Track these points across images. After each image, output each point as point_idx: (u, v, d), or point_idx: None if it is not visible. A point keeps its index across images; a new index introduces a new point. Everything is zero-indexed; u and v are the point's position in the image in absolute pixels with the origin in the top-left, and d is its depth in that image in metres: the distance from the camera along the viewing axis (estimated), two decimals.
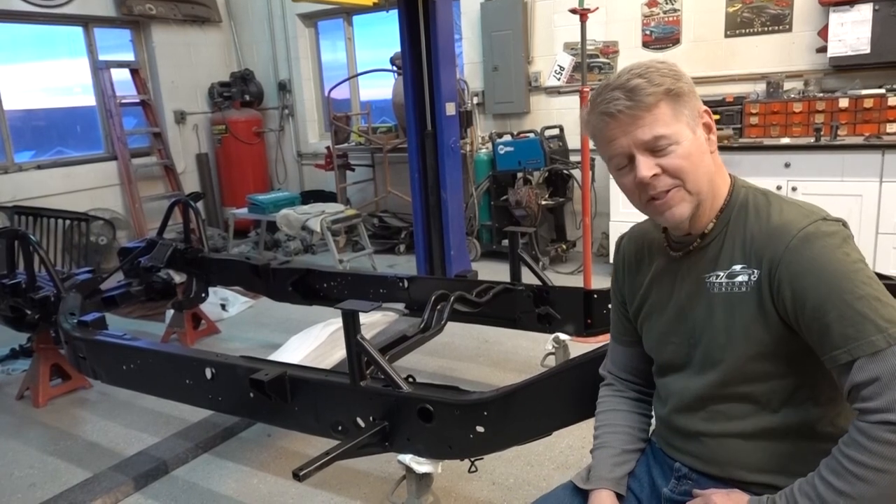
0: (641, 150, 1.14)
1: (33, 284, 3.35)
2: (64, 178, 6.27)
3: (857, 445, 1.00)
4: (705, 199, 1.18)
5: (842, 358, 1.03)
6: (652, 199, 1.17)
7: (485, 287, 2.98)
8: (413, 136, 4.60)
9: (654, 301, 1.31)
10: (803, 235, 1.08)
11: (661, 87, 1.13)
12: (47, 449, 3.09)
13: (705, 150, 1.18)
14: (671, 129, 1.13)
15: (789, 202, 1.17)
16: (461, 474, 2.55)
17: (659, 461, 1.35)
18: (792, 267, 1.07)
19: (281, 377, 2.10)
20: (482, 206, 5.88)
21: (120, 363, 2.65)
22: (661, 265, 1.31)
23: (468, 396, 1.88)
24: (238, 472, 2.80)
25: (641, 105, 1.12)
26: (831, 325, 1.03)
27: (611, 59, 5.52)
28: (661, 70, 1.15)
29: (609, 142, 1.18)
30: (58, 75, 6.67)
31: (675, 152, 1.14)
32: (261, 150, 7.60)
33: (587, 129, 1.24)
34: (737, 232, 1.17)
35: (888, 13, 4.14)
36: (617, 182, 1.24)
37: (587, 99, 1.23)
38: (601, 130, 1.18)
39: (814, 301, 1.04)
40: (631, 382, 1.45)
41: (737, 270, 1.15)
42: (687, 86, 1.16)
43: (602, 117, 1.16)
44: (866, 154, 4.07)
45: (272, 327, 4.49)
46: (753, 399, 1.16)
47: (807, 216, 1.11)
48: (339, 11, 6.93)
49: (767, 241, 1.12)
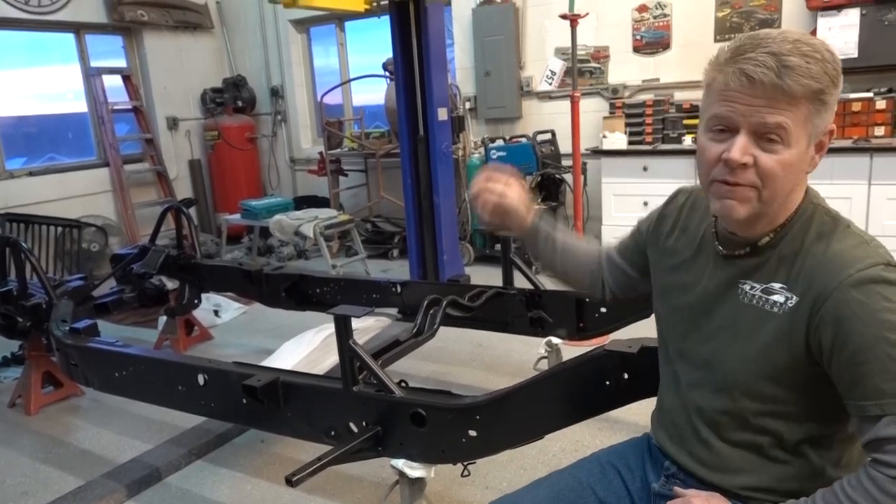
0: (751, 130, 1.02)
1: (25, 292, 3.34)
2: (56, 184, 6.25)
3: (864, 492, 0.99)
4: (769, 213, 1.09)
5: (871, 410, 0.99)
6: (721, 181, 1.06)
7: (477, 291, 2.99)
8: (405, 141, 4.61)
9: (681, 276, 1.26)
10: (861, 277, 1.00)
11: (816, 83, 0.99)
12: (39, 457, 3.07)
13: (804, 167, 1.07)
14: (795, 129, 1.01)
15: (855, 233, 1.07)
16: (454, 479, 2.55)
17: (654, 457, 1.37)
18: (840, 307, 1.00)
19: (273, 383, 2.10)
20: (475, 211, 5.88)
21: (112, 370, 2.65)
22: (699, 246, 1.24)
23: (460, 401, 1.89)
24: (231, 478, 2.80)
25: (788, 90, 0.98)
26: (867, 376, 0.99)
27: (601, 64, 5.55)
28: (825, 60, 1.00)
29: (727, 101, 1.03)
30: (49, 82, 6.66)
31: (778, 154, 1.02)
32: (253, 156, 7.60)
33: (712, 73, 1.07)
34: (789, 248, 1.09)
35: (875, 17, 4.18)
36: (700, 140, 1.11)
37: (728, 48, 1.06)
38: (728, 87, 1.02)
39: (856, 346, 0.99)
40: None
41: (775, 288, 1.09)
42: (834, 98, 1.04)
43: (738, 76, 1.00)
44: (855, 157, 4.12)
45: (265, 333, 4.48)
46: (751, 413, 1.14)
47: (868, 256, 1.02)
48: (332, 17, 6.94)
49: (819, 271, 1.04)
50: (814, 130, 1.04)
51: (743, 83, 1.00)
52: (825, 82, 1.00)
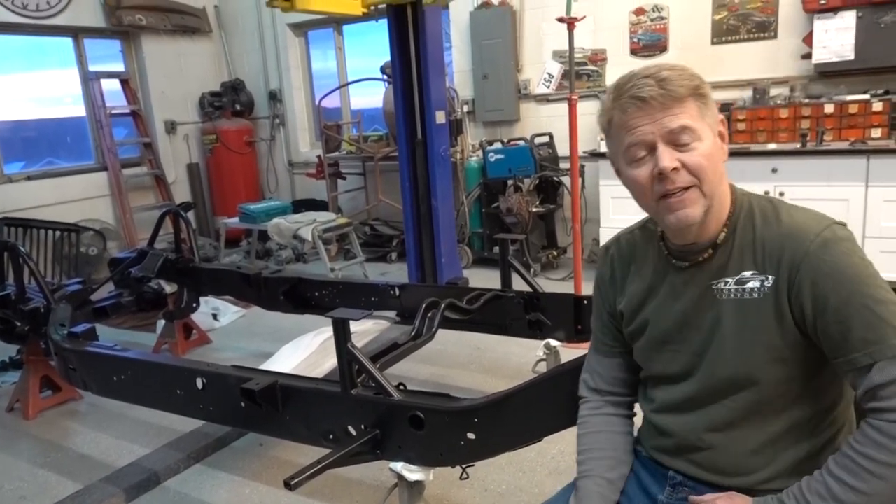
0: (665, 140, 1.12)
1: (23, 296, 3.34)
2: (54, 188, 6.25)
3: (874, 444, 1.02)
4: (715, 206, 1.16)
5: (861, 361, 1.04)
6: (666, 196, 1.14)
7: (475, 294, 2.99)
8: (404, 144, 4.62)
9: (650, 312, 1.28)
10: (822, 240, 1.08)
11: (691, 82, 1.13)
12: (37, 461, 3.07)
13: (721, 156, 1.17)
14: (697, 125, 1.12)
15: (796, 207, 1.17)
16: (453, 481, 2.55)
17: (649, 469, 1.33)
18: (813, 271, 1.07)
19: (272, 386, 2.10)
20: (473, 214, 5.90)
21: (110, 374, 2.65)
22: (660, 274, 1.28)
23: (459, 403, 1.89)
24: (230, 482, 2.79)
25: (673, 94, 1.11)
26: (852, 329, 1.04)
27: (599, 67, 5.56)
28: (688, 70, 1.16)
29: (631, 129, 1.14)
30: (48, 86, 6.66)
31: (697, 150, 1.12)
32: (252, 160, 7.60)
33: (606, 116, 1.19)
34: (745, 239, 1.17)
35: (871, 20, 4.19)
36: (626, 176, 1.20)
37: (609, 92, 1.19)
38: (626, 117, 1.14)
39: (835, 305, 1.05)
40: (615, 395, 1.41)
41: (747, 277, 1.15)
42: (710, 93, 1.17)
43: (632, 101, 1.13)
44: (852, 159, 4.12)
45: (264, 337, 4.48)
46: (758, 406, 1.16)
47: (819, 221, 1.12)
48: (330, 21, 6.95)
49: (782, 246, 1.12)
50: (710, 122, 1.15)
51: (638, 105, 1.13)
52: (697, 80, 1.14)
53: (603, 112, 1.21)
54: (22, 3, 5.94)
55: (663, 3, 5.21)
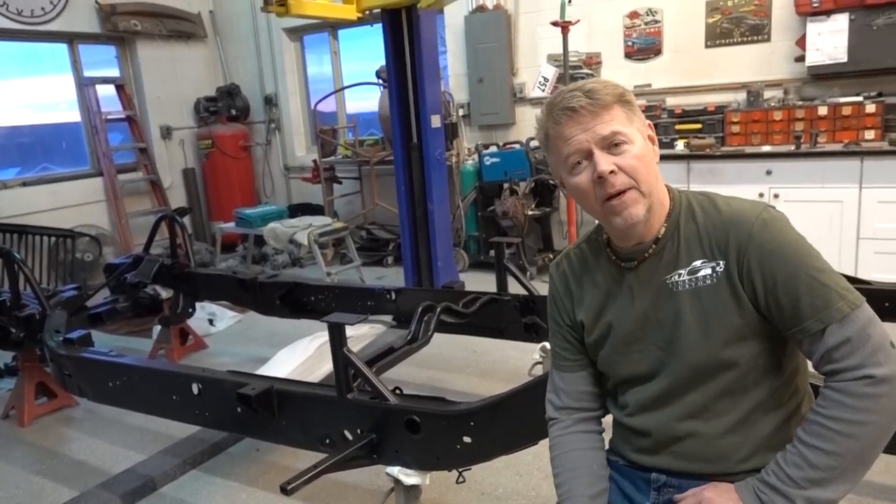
0: (600, 146, 1.19)
1: (18, 302, 3.33)
2: (49, 194, 6.24)
3: (837, 405, 1.07)
4: (655, 204, 1.23)
5: (813, 327, 1.10)
6: (608, 199, 1.20)
7: (471, 298, 3.00)
8: (399, 148, 4.62)
9: (611, 317, 1.30)
10: (761, 222, 1.16)
11: (615, 90, 1.22)
12: (33, 468, 3.06)
13: (653, 157, 1.24)
14: (627, 129, 1.20)
15: (730, 197, 1.25)
16: (450, 485, 2.54)
17: (629, 477, 1.34)
18: (759, 250, 1.15)
19: (268, 391, 2.10)
20: (469, 217, 5.91)
21: (106, 380, 2.64)
22: (613, 279, 1.31)
23: (455, 407, 1.89)
24: (226, 487, 2.79)
25: (600, 103, 1.19)
26: (801, 298, 1.11)
27: (594, 70, 5.57)
28: (611, 82, 1.24)
29: (567, 140, 1.22)
30: (43, 92, 6.65)
31: (629, 152, 1.19)
32: (247, 164, 7.59)
33: (542, 131, 1.27)
34: (689, 231, 1.24)
35: (864, 22, 4.22)
36: (569, 184, 1.26)
37: (543, 109, 1.28)
38: (560, 129, 1.22)
39: (783, 277, 1.12)
40: (583, 410, 1.40)
41: (698, 266, 1.21)
42: (633, 98, 1.25)
43: (564, 113, 1.21)
44: (846, 161, 4.14)
45: (260, 342, 4.47)
46: (730, 387, 1.20)
47: (754, 206, 1.21)
48: (325, 25, 6.96)
49: (726, 232, 1.19)
50: (639, 126, 1.23)
51: (570, 115, 1.20)
52: (621, 89, 1.23)
53: (539, 128, 1.28)
54: (17, 10, 5.93)
55: (657, 7, 5.23)
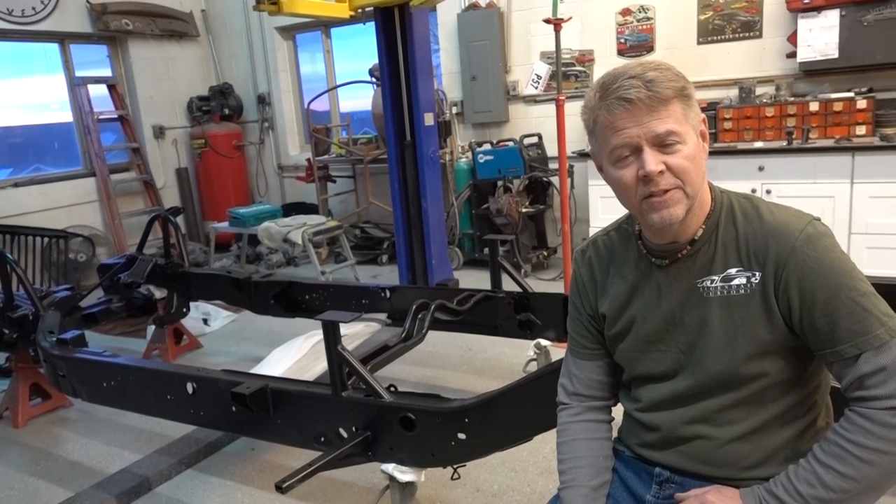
0: (651, 143, 1.12)
1: (11, 303, 3.32)
2: (41, 195, 6.21)
3: (862, 431, 1.05)
4: (696, 205, 1.18)
5: (848, 352, 1.07)
6: (649, 196, 1.15)
7: (466, 295, 3.00)
8: (393, 146, 4.62)
9: (635, 312, 1.28)
10: (805, 236, 1.11)
11: (676, 83, 1.13)
12: (27, 469, 3.05)
13: (703, 156, 1.18)
14: (682, 128, 1.13)
15: (775, 205, 1.19)
16: (445, 482, 2.56)
17: (633, 468, 1.33)
18: (800, 267, 1.10)
19: (263, 390, 2.11)
20: (463, 215, 5.91)
21: (100, 380, 2.64)
22: (640, 274, 1.28)
23: (449, 404, 1.90)
24: (222, 486, 2.79)
25: (659, 97, 1.11)
26: (840, 321, 1.07)
27: (586, 68, 5.59)
28: (672, 69, 1.15)
29: (617, 130, 1.14)
30: (34, 92, 6.61)
31: (681, 152, 1.13)
32: (241, 164, 7.58)
33: (591, 115, 1.18)
34: (728, 237, 1.18)
35: (855, 18, 4.24)
36: (610, 176, 1.20)
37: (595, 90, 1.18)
38: (612, 118, 1.14)
39: (823, 297, 1.08)
40: (595, 399, 1.39)
41: (732, 274, 1.16)
42: (693, 92, 1.17)
43: (619, 103, 1.12)
44: (837, 156, 4.16)
45: (255, 341, 4.47)
46: (746, 398, 1.17)
47: (800, 218, 1.14)
48: (317, 24, 6.94)
49: (767, 243, 1.14)
50: (693, 122, 1.16)
51: (625, 107, 1.12)
52: (682, 81, 1.14)
53: (587, 110, 1.19)
54: (7, 9, 5.90)
55: (649, 4, 5.24)
